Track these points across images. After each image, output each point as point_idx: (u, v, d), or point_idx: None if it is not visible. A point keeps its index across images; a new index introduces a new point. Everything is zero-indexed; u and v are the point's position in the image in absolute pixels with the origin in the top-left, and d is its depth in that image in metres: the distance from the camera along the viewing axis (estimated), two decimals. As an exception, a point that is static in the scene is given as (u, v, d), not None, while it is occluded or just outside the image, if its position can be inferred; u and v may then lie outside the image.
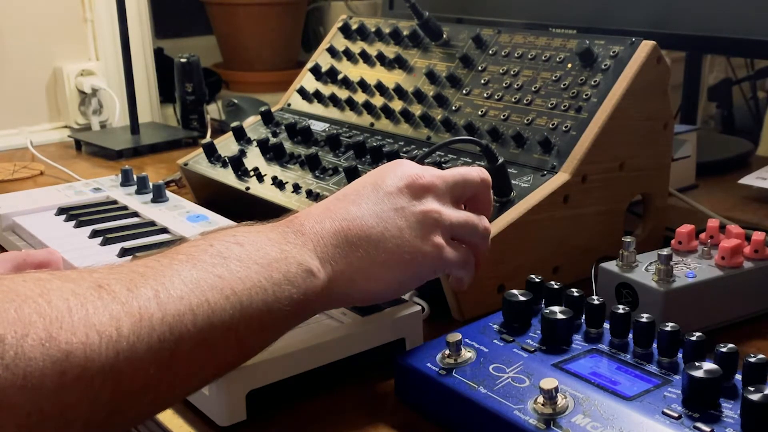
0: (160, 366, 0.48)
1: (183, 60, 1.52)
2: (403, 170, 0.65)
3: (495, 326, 0.66)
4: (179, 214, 0.97)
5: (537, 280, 0.69)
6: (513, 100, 0.93)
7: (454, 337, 0.62)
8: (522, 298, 0.65)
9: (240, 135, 1.11)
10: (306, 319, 0.61)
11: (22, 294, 0.45)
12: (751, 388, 0.51)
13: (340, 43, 1.17)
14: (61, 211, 1.00)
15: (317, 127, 1.09)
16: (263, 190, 0.97)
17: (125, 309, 0.47)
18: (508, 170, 0.81)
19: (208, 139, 1.18)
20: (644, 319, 0.60)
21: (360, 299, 0.64)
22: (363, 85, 1.09)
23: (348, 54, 1.14)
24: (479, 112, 0.94)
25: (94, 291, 0.47)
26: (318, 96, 1.13)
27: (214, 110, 1.65)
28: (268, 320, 0.55)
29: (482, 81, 0.97)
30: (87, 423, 0.45)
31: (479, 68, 0.99)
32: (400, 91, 1.03)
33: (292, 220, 0.61)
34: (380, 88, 1.05)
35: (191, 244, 0.56)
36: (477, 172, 0.69)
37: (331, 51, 1.17)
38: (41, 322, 0.44)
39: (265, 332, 0.56)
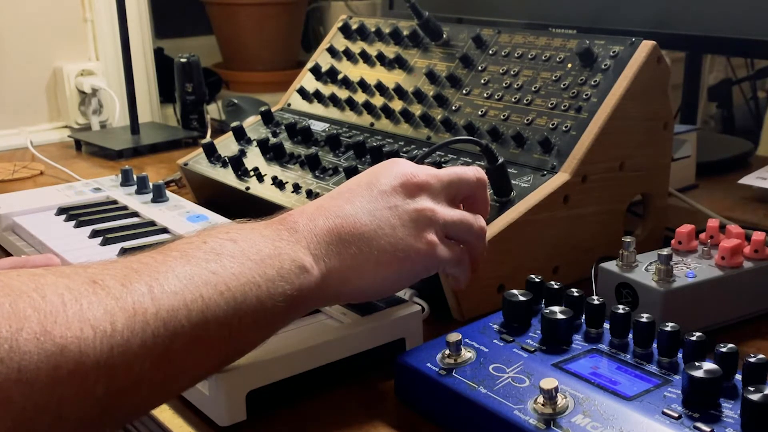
0: (155, 361, 0.48)
1: (183, 60, 1.52)
2: (397, 169, 0.65)
3: (495, 326, 0.66)
4: (179, 214, 0.97)
5: (537, 280, 0.69)
6: (513, 100, 0.93)
7: (454, 337, 0.62)
8: (522, 298, 0.65)
9: (240, 135, 1.11)
10: (300, 316, 0.61)
11: (16, 289, 0.45)
12: (751, 388, 0.51)
13: (340, 43, 1.17)
14: (61, 211, 1.00)
15: (317, 127, 1.09)
16: (263, 190, 0.97)
17: (119, 304, 0.47)
18: (508, 170, 0.81)
19: (208, 139, 1.18)
20: (644, 319, 0.60)
21: (353, 296, 0.64)
22: (363, 85, 1.09)
23: (348, 54, 1.14)
24: (479, 112, 0.94)
25: (89, 286, 0.47)
26: (318, 96, 1.13)
27: (214, 110, 1.65)
28: (261, 316, 0.55)
29: (482, 81, 0.97)
30: (81, 417, 0.46)
31: (479, 68, 0.99)
32: (400, 91, 1.03)
33: (286, 217, 0.61)
34: (380, 88, 1.05)
35: (185, 241, 0.56)
36: (473, 171, 0.69)
37: (331, 51, 1.17)
38: (36, 316, 0.44)
39: (259, 328, 0.56)
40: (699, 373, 0.53)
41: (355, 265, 0.60)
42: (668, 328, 0.58)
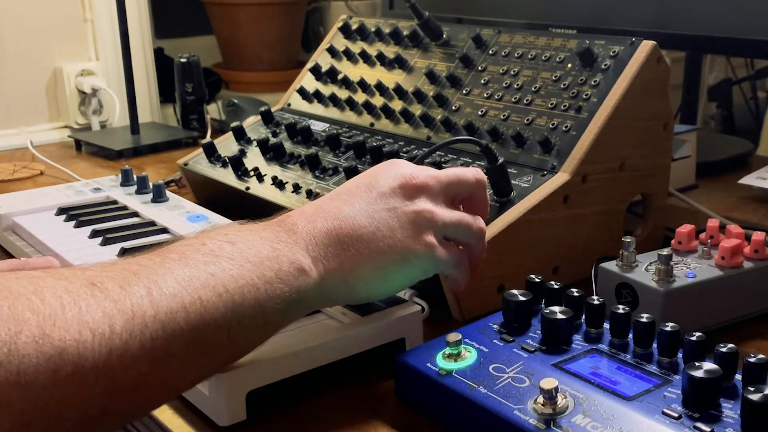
0: (153, 363, 0.48)
1: (183, 60, 1.52)
2: (396, 170, 0.65)
3: (495, 326, 0.66)
4: (179, 214, 0.97)
5: (537, 280, 0.69)
6: (513, 100, 0.93)
7: (454, 337, 0.62)
8: (522, 298, 0.65)
9: (240, 135, 1.11)
10: (298, 317, 0.61)
11: (15, 291, 0.45)
12: (751, 388, 0.51)
13: (340, 43, 1.17)
14: (61, 211, 1.00)
15: (317, 127, 1.09)
16: (263, 190, 0.97)
17: (118, 307, 0.47)
18: (508, 170, 0.81)
19: (208, 139, 1.18)
20: (644, 319, 0.60)
21: (352, 298, 0.64)
22: (363, 85, 1.09)
23: (348, 54, 1.14)
24: (479, 112, 0.94)
25: (87, 289, 0.47)
26: (318, 96, 1.13)
27: (214, 110, 1.65)
28: (260, 318, 0.55)
29: (482, 81, 0.97)
30: (80, 420, 0.46)
31: (479, 68, 0.99)
32: (400, 91, 1.03)
33: (285, 219, 0.61)
34: (380, 88, 1.05)
35: (184, 242, 0.56)
36: (472, 172, 0.69)
37: (331, 51, 1.17)
38: (35, 319, 0.44)
39: (258, 330, 0.56)
40: (699, 373, 0.53)
41: (353, 266, 0.60)
42: (668, 328, 0.58)
